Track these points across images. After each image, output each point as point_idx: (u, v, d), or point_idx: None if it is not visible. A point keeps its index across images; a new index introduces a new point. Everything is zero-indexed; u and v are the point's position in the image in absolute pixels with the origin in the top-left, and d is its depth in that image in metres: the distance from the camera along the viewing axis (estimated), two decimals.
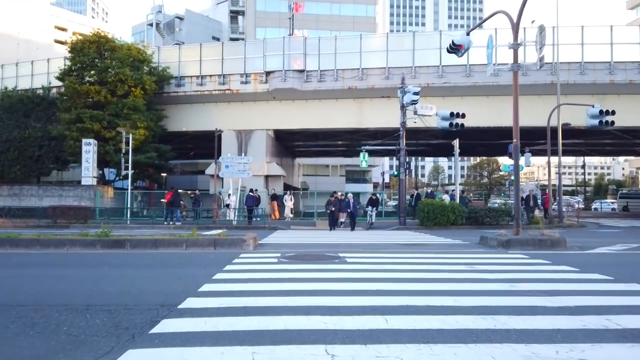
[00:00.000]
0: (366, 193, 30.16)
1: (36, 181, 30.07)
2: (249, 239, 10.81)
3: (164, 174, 47.12)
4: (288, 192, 25.50)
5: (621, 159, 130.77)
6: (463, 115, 21.39)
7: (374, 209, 21.06)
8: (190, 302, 5.14)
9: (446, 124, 21.27)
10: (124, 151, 21.97)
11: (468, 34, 14.61)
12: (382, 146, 23.62)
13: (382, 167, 73.85)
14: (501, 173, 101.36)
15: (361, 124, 29.05)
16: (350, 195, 18.34)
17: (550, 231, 12.35)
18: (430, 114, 22.24)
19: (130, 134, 24.36)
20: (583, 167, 56.39)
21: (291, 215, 25.21)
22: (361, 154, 22.60)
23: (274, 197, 25.57)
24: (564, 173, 27.66)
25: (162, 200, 21.83)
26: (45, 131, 28.45)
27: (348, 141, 34.84)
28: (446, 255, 9.70)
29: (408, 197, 24.84)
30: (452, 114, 21.20)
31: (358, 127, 29.29)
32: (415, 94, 20.11)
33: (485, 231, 17.03)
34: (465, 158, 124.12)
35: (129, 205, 22.53)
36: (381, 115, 28.29)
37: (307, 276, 6.93)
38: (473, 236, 15.15)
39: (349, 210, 18.40)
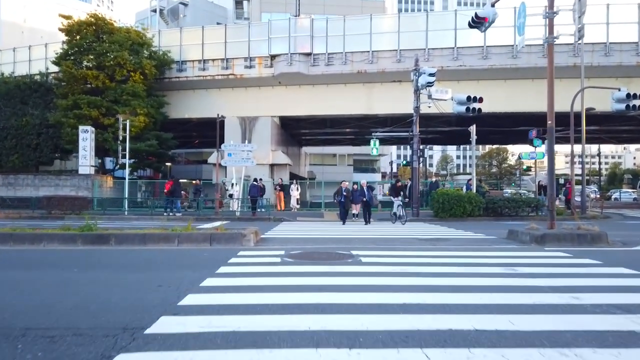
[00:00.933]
0: (373, 183, 28.90)
1: (35, 170, 29.07)
2: (249, 234, 9.58)
3: (167, 164, 46.29)
4: (294, 182, 24.28)
5: (632, 147, 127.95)
6: (480, 100, 20.05)
7: (402, 198, 17.72)
8: (164, 324, 3.93)
9: (462, 108, 19.95)
10: (121, 138, 20.79)
11: (493, 5, 13.15)
12: (393, 133, 22.25)
13: (390, 157, 72.30)
14: (510, 162, 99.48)
15: (371, 110, 27.66)
16: (364, 183, 16.96)
17: (586, 224, 11.01)
18: (446, 98, 20.81)
19: (129, 121, 23.18)
20: (598, 155, 54.45)
21: (297, 206, 24.01)
22: (372, 142, 21.27)
23: (281, 187, 24.36)
24: (576, 162, 26.14)
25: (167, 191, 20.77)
26: (43, 118, 27.35)
27: (357, 129, 33.45)
28: (476, 254, 8.42)
29: (421, 187, 23.54)
30: (469, 98, 19.89)
31: (367, 113, 27.90)
32: (431, 75, 18.69)
33: (508, 223, 15.80)
34: (475, 147, 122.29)
35: (127, 196, 21.39)
36: (392, 101, 26.89)
37: (316, 282, 5.69)
38: (495, 229, 13.87)
39: (363, 199, 16.72)
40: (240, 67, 27.72)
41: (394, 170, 78.69)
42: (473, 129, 21.78)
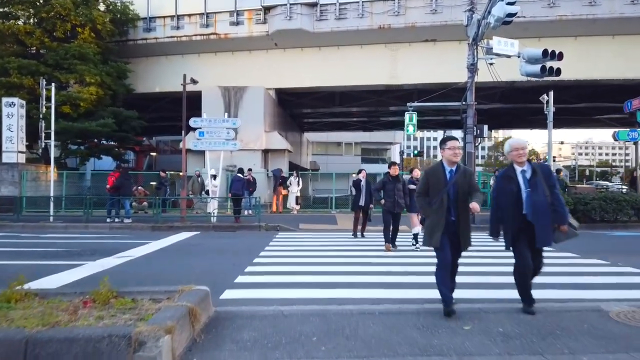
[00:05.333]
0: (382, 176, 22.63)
1: None
2: (153, 342, 3.05)
3: (153, 153, 39.85)
4: (294, 173, 17.95)
5: None
6: (560, 56, 13.96)
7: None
8: None
9: (535, 69, 13.94)
10: (43, 110, 14.36)
11: None
12: (436, 104, 15.80)
13: (401, 147, 65.82)
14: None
15: (395, 79, 21.22)
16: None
17: None
18: (511, 54, 14.39)
19: (75, 92, 16.75)
20: None
21: (297, 207, 17.65)
22: (406, 116, 14.87)
23: (282, 181, 17.81)
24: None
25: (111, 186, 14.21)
26: None
27: (372, 107, 26.96)
28: None
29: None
30: (545, 53, 13.67)
31: (391, 83, 21.45)
32: (510, 3, 12.24)
33: (619, 235, 9.68)
34: (487, 136, 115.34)
35: (52, 194, 14.95)
36: (423, 67, 20.53)
37: None
38: (622, 251, 7.60)
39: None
40: (224, 24, 21.27)
41: (396, 160, 71.95)
42: (551, 97, 15.44)
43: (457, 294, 4.37)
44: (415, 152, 49.20)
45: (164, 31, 22.07)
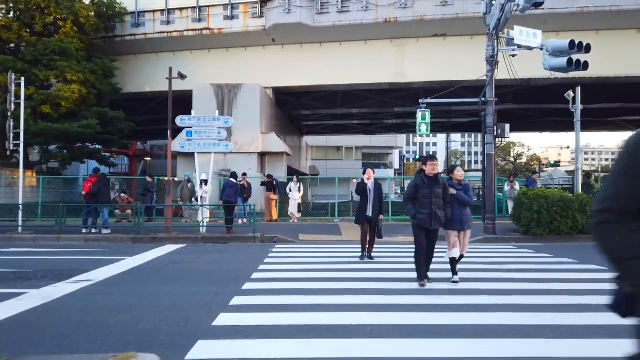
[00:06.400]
0: (386, 179, 20.81)
1: None
2: None
3: (147, 158, 38.28)
4: (294, 179, 16.40)
5: None
6: (587, 48, 12.60)
7: None
8: None
9: (560, 62, 12.59)
10: (12, 108, 12.79)
11: None
12: (449, 100, 14.21)
13: (401, 152, 64.31)
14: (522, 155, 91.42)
15: (401, 77, 19.74)
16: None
17: None
18: (534, 46, 12.96)
19: (55, 90, 15.21)
20: None
21: (298, 215, 16.10)
22: (418, 114, 13.22)
23: (271, 185, 16.06)
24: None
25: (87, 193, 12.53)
26: None
27: (375, 108, 25.44)
28: None
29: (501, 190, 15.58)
30: (572, 45, 12.31)
31: (397, 81, 19.98)
32: None
33: None
34: (508, 137, 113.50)
35: (21, 201, 13.32)
36: (432, 64, 19.07)
37: None
38: None
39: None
40: (218, 18, 19.82)
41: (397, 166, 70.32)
42: (577, 93, 14.01)
43: None
44: (417, 157, 47.80)
45: (153, 26, 20.60)
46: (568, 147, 70.35)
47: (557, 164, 58.72)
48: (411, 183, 6.55)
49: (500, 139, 13.14)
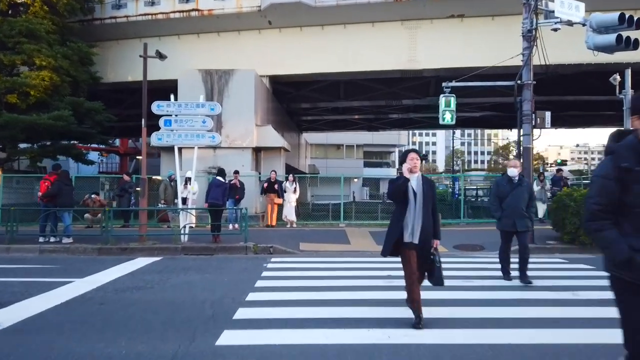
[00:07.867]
0: (386, 178, 18.59)
1: None
2: None
3: (138, 157, 36.13)
4: (289, 177, 14.28)
5: None
6: (638, 23, 10.53)
7: None
8: None
9: (608, 39, 10.59)
10: None
11: None
12: (478, 83, 12.04)
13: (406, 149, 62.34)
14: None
15: (414, 64, 17.63)
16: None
17: None
18: (576, 20, 10.96)
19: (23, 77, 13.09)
20: None
21: (294, 219, 13.97)
22: (441, 101, 10.95)
23: (276, 186, 13.84)
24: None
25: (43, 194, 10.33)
26: None
27: (382, 99, 23.30)
28: None
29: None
30: (622, 19, 10.37)
31: (408, 68, 17.84)
32: None
33: None
34: (487, 140, 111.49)
35: None
36: (448, 48, 17.00)
37: None
38: None
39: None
40: None
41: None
42: (627, 77, 11.99)
43: None
44: (422, 154, 45.77)
45: (136, 8, 18.46)
46: (577, 145, 68.36)
47: (563, 163, 56.90)
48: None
49: (539, 130, 11.05)
